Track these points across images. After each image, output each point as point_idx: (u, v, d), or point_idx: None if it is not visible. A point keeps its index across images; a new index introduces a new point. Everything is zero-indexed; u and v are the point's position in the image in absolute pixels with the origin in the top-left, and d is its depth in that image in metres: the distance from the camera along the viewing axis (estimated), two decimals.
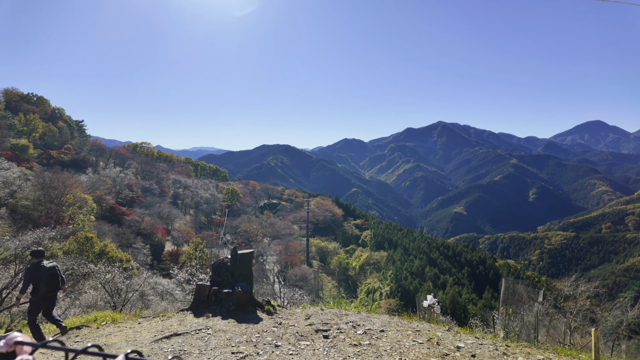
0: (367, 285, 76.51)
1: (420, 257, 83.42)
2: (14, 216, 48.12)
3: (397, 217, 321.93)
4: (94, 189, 71.13)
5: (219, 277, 8.95)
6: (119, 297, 23.02)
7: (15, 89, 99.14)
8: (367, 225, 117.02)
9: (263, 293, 35.35)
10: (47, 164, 75.56)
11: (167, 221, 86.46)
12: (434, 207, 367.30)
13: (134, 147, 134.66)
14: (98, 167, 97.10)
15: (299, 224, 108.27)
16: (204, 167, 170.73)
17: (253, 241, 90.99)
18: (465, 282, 75.04)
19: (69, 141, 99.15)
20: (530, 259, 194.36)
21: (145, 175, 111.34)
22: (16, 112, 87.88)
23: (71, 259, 27.05)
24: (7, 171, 52.21)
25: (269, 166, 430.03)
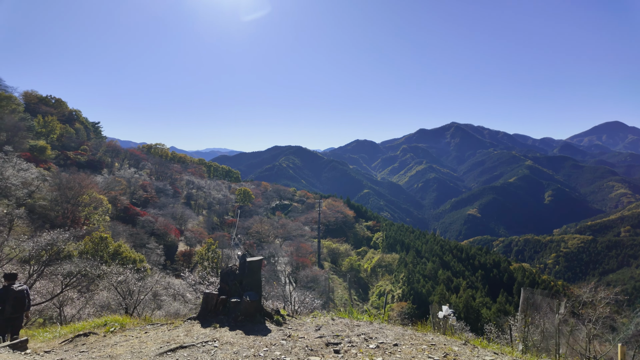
0: (379, 287, 75.86)
1: (433, 259, 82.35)
2: (32, 216, 49.12)
3: (410, 219, 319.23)
4: (109, 190, 72.25)
5: (227, 286, 8.77)
6: (131, 299, 23.19)
7: (35, 92, 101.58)
8: (379, 227, 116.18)
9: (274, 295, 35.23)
10: (64, 165, 77.05)
11: (180, 222, 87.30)
12: (447, 209, 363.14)
13: (149, 148, 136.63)
14: (113, 167, 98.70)
15: (310, 225, 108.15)
16: (217, 168, 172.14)
17: (265, 242, 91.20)
18: (478, 286, 73.77)
19: (85, 142, 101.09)
20: (545, 262, 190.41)
21: (159, 176, 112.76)
22: (35, 114, 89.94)
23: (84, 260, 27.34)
24: (26, 172, 53.26)
25: (280, 167, 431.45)
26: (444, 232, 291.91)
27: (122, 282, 24.39)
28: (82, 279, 23.46)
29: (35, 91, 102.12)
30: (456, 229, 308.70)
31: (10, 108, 76.42)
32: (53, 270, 23.81)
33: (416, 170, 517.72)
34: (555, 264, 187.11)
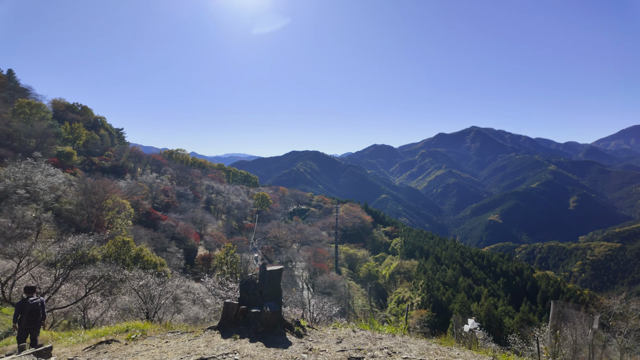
0: (398, 294, 74.75)
1: (453, 266, 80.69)
2: (59, 220, 50.70)
3: (429, 225, 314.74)
4: (132, 194, 73.95)
5: (247, 295, 8.70)
6: (152, 303, 23.47)
7: (62, 99, 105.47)
8: (397, 232, 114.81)
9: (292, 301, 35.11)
10: (89, 170, 79.42)
11: (200, 226, 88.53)
12: (467, 215, 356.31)
13: (170, 154, 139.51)
14: (136, 173, 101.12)
15: (327, 230, 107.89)
16: (236, 173, 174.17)
17: (282, 247, 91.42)
18: (500, 294, 71.77)
19: (109, 148, 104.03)
20: (571, 270, 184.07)
21: (180, 181, 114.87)
22: (62, 120, 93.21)
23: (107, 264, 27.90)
24: (53, 177, 55.11)
25: (298, 172, 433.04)
26: (464, 239, 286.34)
27: (143, 287, 24.74)
28: (105, 282, 23.92)
29: (63, 99, 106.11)
30: (477, 235, 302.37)
31: (39, 116, 79.43)
32: (78, 274, 24.37)
33: (435, 175, 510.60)
34: (581, 272, 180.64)
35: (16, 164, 51.09)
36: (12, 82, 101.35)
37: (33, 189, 48.60)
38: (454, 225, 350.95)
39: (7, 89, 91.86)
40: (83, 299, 22.48)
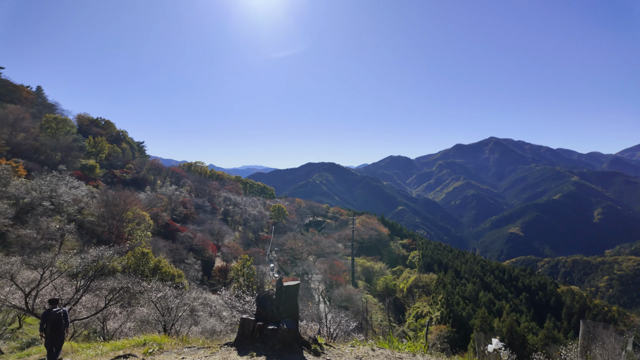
0: (416, 309, 73.15)
1: (473, 280, 78.67)
2: (81, 231, 51.96)
3: (447, 237, 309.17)
4: (152, 206, 75.32)
5: (264, 311, 8.63)
6: (169, 316, 23.64)
7: (87, 114, 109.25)
8: (415, 245, 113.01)
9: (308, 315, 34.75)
10: (111, 183, 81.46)
11: (217, 237, 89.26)
12: (487, 227, 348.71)
13: (189, 166, 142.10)
14: (156, 185, 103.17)
15: (343, 242, 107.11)
16: (253, 185, 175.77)
17: (298, 259, 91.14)
18: (523, 309, 69.42)
19: (130, 161, 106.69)
20: (597, 285, 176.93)
21: (198, 193, 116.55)
22: (87, 134, 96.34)
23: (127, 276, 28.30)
24: (77, 189, 56.74)
25: (314, 184, 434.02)
26: (484, 252, 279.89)
27: (161, 299, 24.98)
28: (124, 294, 24.23)
29: (88, 114, 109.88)
30: (497, 248, 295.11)
31: (65, 130, 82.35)
32: (98, 285, 24.80)
33: (453, 187, 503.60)
34: (608, 288, 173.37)
35: (42, 177, 52.87)
36: (41, 98, 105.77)
37: (57, 201, 50.08)
38: (473, 238, 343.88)
39: (36, 104, 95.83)
40: (103, 310, 22.79)
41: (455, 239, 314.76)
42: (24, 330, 23.58)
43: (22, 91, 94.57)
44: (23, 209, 45.46)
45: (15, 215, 41.65)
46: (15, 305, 19.28)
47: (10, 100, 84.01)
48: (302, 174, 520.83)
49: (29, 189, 48.41)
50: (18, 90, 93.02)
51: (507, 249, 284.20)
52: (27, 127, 73.67)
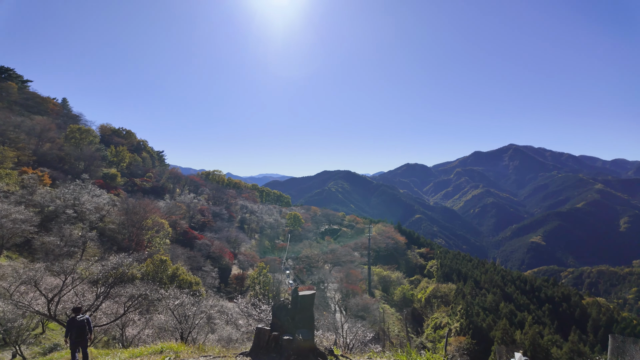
0: (434, 320, 71.63)
1: (494, 291, 76.64)
2: (102, 238, 53.16)
3: (466, 247, 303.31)
4: (170, 214, 76.58)
5: (279, 321, 8.58)
6: (186, 323, 23.81)
7: (109, 125, 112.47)
8: (433, 254, 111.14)
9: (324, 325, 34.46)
10: (132, 191, 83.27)
11: (234, 245, 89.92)
12: (508, 236, 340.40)
13: (207, 175, 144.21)
14: (175, 193, 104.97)
15: (360, 250, 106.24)
16: (269, 193, 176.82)
17: (314, 267, 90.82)
18: (546, 321, 67.08)
19: (150, 170, 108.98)
20: (625, 297, 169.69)
21: (216, 201, 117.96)
22: (108, 144, 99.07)
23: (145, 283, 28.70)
24: (98, 198, 58.20)
25: (329, 191, 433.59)
26: (504, 261, 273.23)
27: (178, 306, 25.23)
28: (142, 301, 24.56)
29: (110, 124, 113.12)
30: (518, 257, 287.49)
31: (88, 140, 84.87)
32: (117, 292, 25.20)
33: (472, 195, 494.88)
34: (637, 300, 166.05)
35: (66, 186, 54.49)
36: (66, 109, 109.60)
37: (80, 209, 51.44)
38: (493, 247, 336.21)
39: (61, 115, 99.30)
40: (122, 317, 23.13)
41: (474, 248, 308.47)
42: (47, 336, 24.11)
43: (49, 103, 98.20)
44: (48, 217, 46.86)
45: (40, 222, 42.93)
46: (39, 311, 19.76)
47: (37, 112, 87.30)
48: (318, 182, 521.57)
49: (53, 197, 49.92)
50: (45, 102, 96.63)
51: (528, 259, 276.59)
52: (53, 138, 76.27)
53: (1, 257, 34.31)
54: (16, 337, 19.44)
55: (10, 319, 19.43)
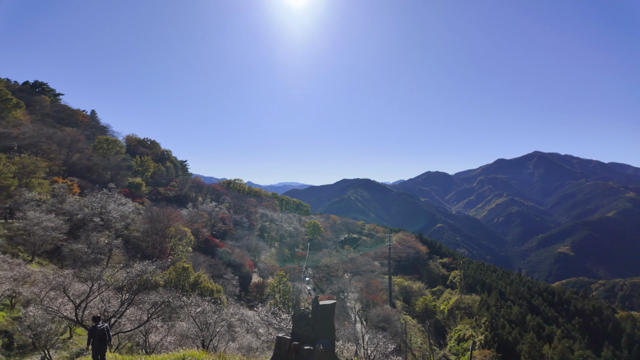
0: (458, 332, 69.75)
1: (520, 303, 74.13)
2: (127, 246, 54.51)
3: (490, 257, 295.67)
4: (193, 222, 77.94)
5: (300, 330, 8.54)
6: (208, 331, 24.04)
7: (135, 135, 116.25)
8: (456, 264, 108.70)
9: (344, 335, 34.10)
10: (156, 200, 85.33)
11: (254, 253, 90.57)
12: (533, 246, 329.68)
13: (228, 184, 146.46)
14: (197, 201, 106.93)
15: (380, 260, 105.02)
16: (288, 201, 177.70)
17: (334, 276, 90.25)
18: (576, 336, 64.18)
19: (174, 179, 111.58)
20: None
21: (236, 209, 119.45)
22: (134, 154, 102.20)
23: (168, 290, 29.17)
24: (124, 206, 59.84)
25: (349, 200, 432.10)
26: (530, 272, 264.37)
27: (200, 314, 25.53)
28: (165, 308, 24.96)
29: (135, 135, 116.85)
30: (545, 268, 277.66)
31: (115, 150, 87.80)
32: (141, 299, 25.71)
33: (496, 204, 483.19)
34: None
35: (94, 194, 56.34)
36: (94, 120, 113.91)
37: (107, 217, 53.01)
38: (518, 258, 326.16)
39: (90, 127, 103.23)
40: (145, 323, 23.54)
41: (498, 258, 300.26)
42: (74, 341, 24.75)
43: (79, 115, 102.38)
44: (76, 225, 48.50)
45: (69, 230, 44.47)
46: (67, 317, 20.34)
47: (68, 124, 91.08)
48: (337, 190, 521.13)
49: (81, 205, 51.68)
50: (75, 114, 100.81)
51: (556, 270, 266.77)
52: (82, 148, 79.28)
53: (32, 263, 35.64)
54: (45, 342, 20.04)
55: (40, 324, 20.07)
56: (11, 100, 73.21)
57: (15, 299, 25.83)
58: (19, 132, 65.60)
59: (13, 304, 25.81)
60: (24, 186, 49.36)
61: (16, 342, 21.93)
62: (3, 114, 70.88)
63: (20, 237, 38.70)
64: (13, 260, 28.77)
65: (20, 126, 69.33)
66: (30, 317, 20.49)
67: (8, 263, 27.06)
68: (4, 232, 39.30)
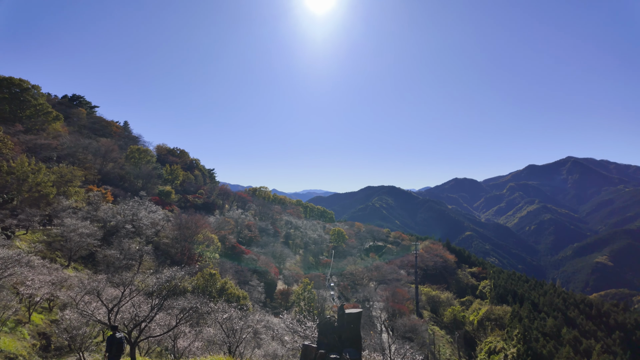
0: (488, 344, 67.27)
1: (554, 315, 70.75)
2: (157, 252, 56.07)
3: (522, 266, 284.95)
4: (220, 229, 79.39)
5: (326, 338, 8.49)
6: (234, 337, 24.28)
7: (165, 145, 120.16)
8: (485, 274, 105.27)
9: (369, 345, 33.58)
10: (184, 207, 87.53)
11: (279, 260, 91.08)
12: (568, 256, 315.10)
13: (254, 191, 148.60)
14: (224, 209, 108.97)
15: (406, 268, 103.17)
16: (313, 208, 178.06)
17: (359, 284, 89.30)
18: (617, 351, 60.42)
19: (202, 187, 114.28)
20: None
21: (262, 216, 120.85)
22: (164, 163, 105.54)
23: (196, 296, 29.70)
24: (154, 213, 61.74)
25: (373, 207, 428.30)
26: (565, 283, 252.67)
27: (227, 320, 25.84)
28: (193, 314, 25.38)
29: (165, 144, 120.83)
30: (581, 279, 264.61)
31: (146, 159, 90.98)
32: (170, 304, 26.30)
33: (527, 211, 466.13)
34: None
35: (126, 202, 58.49)
36: (127, 131, 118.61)
37: (138, 224, 54.82)
38: (552, 267, 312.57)
39: (123, 137, 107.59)
40: (174, 329, 24.01)
41: (531, 268, 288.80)
42: None
43: (112, 126, 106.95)
44: (109, 231, 50.40)
45: (102, 236, 46.27)
46: (100, 320, 21.05)
47: (102, 135, 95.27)
48: (361, 197, 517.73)
49: (114, 213, 53.70)
50: (109, 125, 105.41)
51: (593, 281, 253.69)
52: (115, 158, 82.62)
53: (69, 268, 37.22)
54: (80, 344, 20.81)
55: (75, 327, 20.88)
56: (51, 113, 77.38)
57: (53, 302, 27.05)
58: (58, 143, 69.13)
59: (51, 307, 27.02)
60: (62, 194, 51.85)
61: (53, 344, 22.90)
62: (44, 126, 74.96)
63: (58, 243, 40.57)
64: (51, 265, 30.15)
65: (59, 137, 73.09)
66: (66, 320, 21.38)
67: (47, 268, 28.37)
68: (43, 238, 41.33)
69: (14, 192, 45.74)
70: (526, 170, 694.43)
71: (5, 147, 52.77)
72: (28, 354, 19.90)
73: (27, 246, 36.48)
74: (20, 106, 72.60)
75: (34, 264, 27.08)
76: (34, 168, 47.49)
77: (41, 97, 78.84)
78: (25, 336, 21.44)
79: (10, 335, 20.53)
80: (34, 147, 62.55)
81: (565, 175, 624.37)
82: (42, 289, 23.66)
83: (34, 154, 57.01)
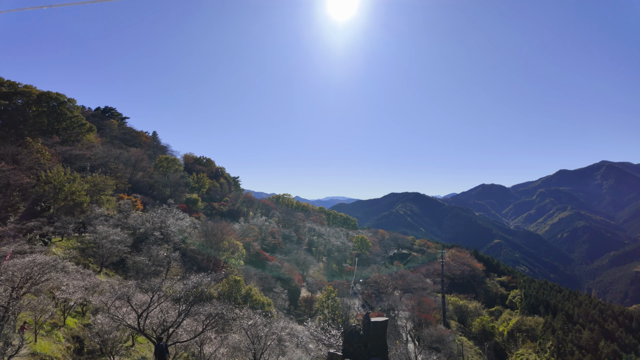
0: (520, 356, 64.63)
1: (590, 327, 67.25)
2: (184, 259, 57.31)
3: (554, 275, 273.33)
4: (244, 236, 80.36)
5: (351, 347, 8.42)
6: (259, 344, 24.44)
7: (192, 154, 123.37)
8: (515, 283, 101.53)
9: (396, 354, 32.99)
10: (210, 214, 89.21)
11: (302, 267, 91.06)
12: (605, 265, 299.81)
13: (277, 199, 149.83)
14: (248, 216, 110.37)
15: (432, 277, 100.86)
16: (336, 215, 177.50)
17: (383, 293, 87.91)
18: None
19: (227, 194, 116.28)
20: None
21: (285, 223, 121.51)
22: (191, 171, 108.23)
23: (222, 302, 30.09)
24: (182, 221, 63.26)
25: (397, 214, 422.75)
26: (602, 293, 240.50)
27: (251, 326, 26.04)
28: (219, 320, 25.73)
29: (192, 153, 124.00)
30: (620, 289, 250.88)
31: (174, 168, 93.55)
32: (197, 310, 26.76)
33: (559, 218, 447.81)
34: None
35: (154, 210, 60.20)
36: (155, 141, 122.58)
37: (166, 231, 56.27)
38: (587, 277, 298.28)
39: (152, 147, 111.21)
40: (200, 334, 24.40)
41: (564, 277, 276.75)
42: (136, 349, 26.22)
43: (142, 136, 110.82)
44: (139, 238, 51.95)
45: (132, 243, 47.73)
46: (130, 325, 21.65)
47: (132, 145, 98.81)
48: (385, 204, 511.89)
49: (144, 220, 55.36)
50: (139, 135, 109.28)
51: (633, 291, 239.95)
52: (145, 167, 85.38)
53: (101, 274, 38.54)
54: (111, 348, 21.45)
55: (106, 331, 21.57)
56: (85, 125, 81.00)
57: (86, 307, 28.03)
58: (92, 154, 72.19)
59: (84, 312, 28.00)
60: (95, 202, 53.99)
61: (86, 347, 23.68)
62: (79, 137, 78.52)
63: (91, 250, 42.13)
64: (85, 270, 31.31)
65: (93, 148, 76.33)
66: (98, 324, 22.12)
67: (80, 273, 29.49)
68: (77, 244, 43.04)
69: (51, 201, 47.99)
70: (557, 175, 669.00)
71: (43, 158, 55.64)
72: (63, 356, 20.66)
73: (62, 252, 38.07)
74: (57, 119, 76.34)
75: (69, 270, 28.17)
76: (69, 177, 49.69)
77: (76, 109, 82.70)
78: (60, 339, 22.27)
79: (46, 338, 21.39)
80: (70, 157, 65.50)
81: (600, 181, 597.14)
82: (76, 293, 24.58)
83: (69, 164, 59.66)
